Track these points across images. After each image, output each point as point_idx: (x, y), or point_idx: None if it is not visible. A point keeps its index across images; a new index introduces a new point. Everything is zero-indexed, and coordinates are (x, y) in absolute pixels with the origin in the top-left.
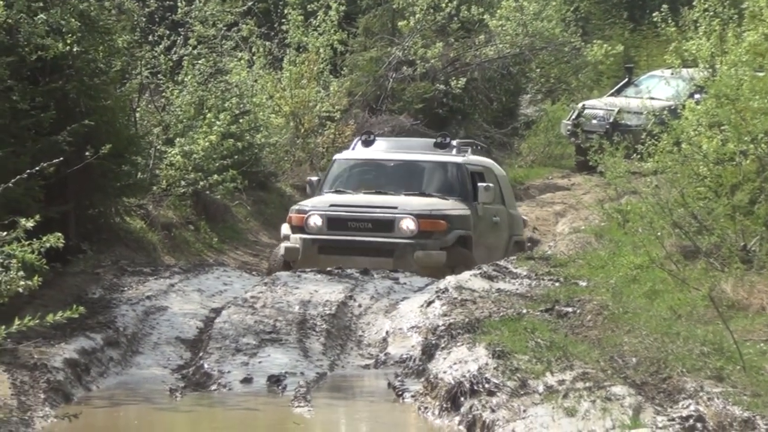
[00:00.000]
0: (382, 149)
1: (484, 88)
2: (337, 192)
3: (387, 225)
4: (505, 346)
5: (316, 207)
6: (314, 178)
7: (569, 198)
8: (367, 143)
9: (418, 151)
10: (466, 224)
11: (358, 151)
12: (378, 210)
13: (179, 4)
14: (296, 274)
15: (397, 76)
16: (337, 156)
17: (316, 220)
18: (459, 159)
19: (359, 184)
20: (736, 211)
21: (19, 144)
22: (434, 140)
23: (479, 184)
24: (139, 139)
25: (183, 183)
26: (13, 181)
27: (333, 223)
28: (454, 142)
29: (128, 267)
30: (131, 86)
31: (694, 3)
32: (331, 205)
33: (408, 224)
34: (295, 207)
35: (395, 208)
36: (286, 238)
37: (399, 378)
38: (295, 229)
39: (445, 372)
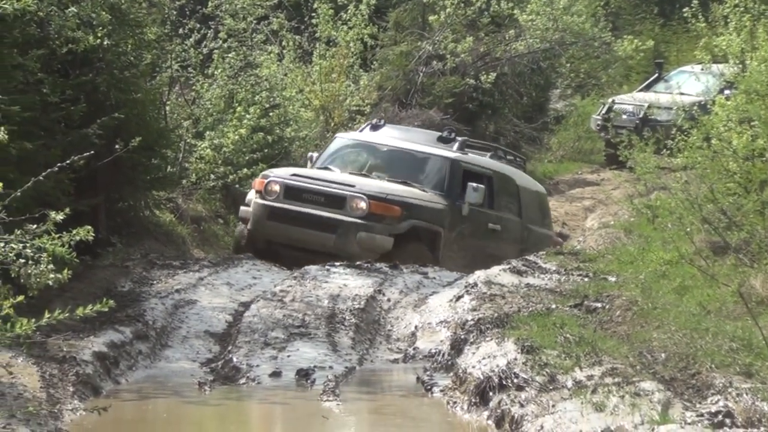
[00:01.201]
0: (387, 135)
1: (514, 82)
2: (325, 168)
3: (338, 201)
4: (534, 341)
5: (278, 175)
6: (314, 154)
7: (599, 193)
8: (376, 128)
9: (419, 142)
10: (433, 217)
11: (360, 134)
12: (333, 186)
13: None
14: (325, 269)
15: (427, 70)
16: (338, 134)
17: (274, 187)
18: (452, 154)
19: (349, 165)
20: (766, 207)
21: (49, 137)
22: (439, 135)
23: (469, 183)
24: (169, 133)
25: (212, 176)
26: (44, 174)
27: (289, 192)
28: (459, 139)
29: (157, 260)
30: (161, 79)
31: None
32: (293, 175)
33: (358, 203)
34: (263, 173)
35: (352, 186)
36: (248, 203)
37: (428, 372)
38: (257, 194)
39: (473, 367)
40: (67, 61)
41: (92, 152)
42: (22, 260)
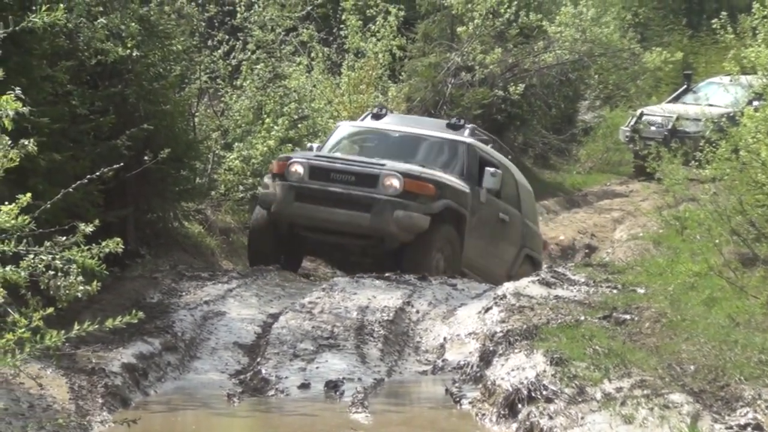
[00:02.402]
0: (393, 123)
1: (543, 94)
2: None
3: (370, 180)
4: (563, 353)
5: (300, 155)
6: (315, 144)
7: (627, 205)
8: (378, 117)
9: (428, 128)
10: (461, 200)
11: (365, 122)
12: (364, 164)
13: (238, 9)
14: (354, 280)
15: (455, 81)
16: (341, 122)
17: (297, 168)
18: (468, 139)
19: (357, 153)
20: None
21: (78, 148)
22: (447, 121)
23: (486, 168)
24: (198, 144)
25: (241, 188)
26: (74, 186)
27: (315, 171)
28: (468, 126)
29: (186, 272)
30: (190, 91)
31: (753, 10)
32: (316, 155)
33: (392, 181)
34: (280, 156)
35: (383, 165)
36: (266, 187)
37: (456, 384)
38: (276, 177)
39: (502, 378)
40: (96, 73)
41: (121, 164)
42: (52, 272)
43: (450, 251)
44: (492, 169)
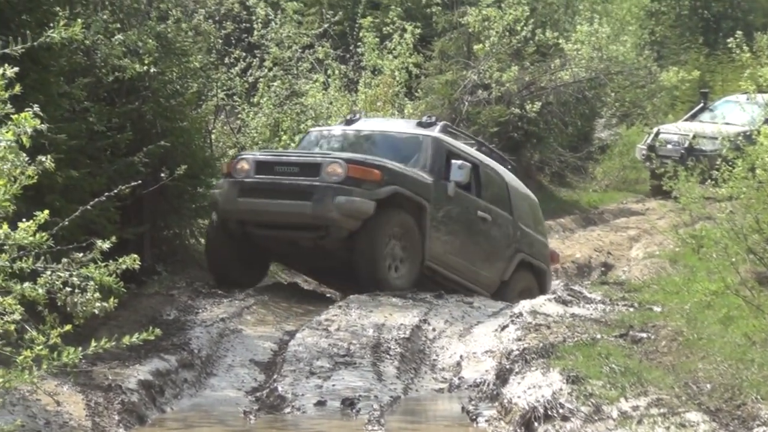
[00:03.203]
0: (361, 124)
1: (559, 112)
2: None
3: (314, 168)
4: (580, 371)
5: (248, 152)
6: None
7: (643, 223)
8: (350, 122)
9: (397, 127)
10: (416, 188)
11: (334, 126)
12: (308, 154)
13: (255, 26)
14: (371, 298)
15: (472, 99)
16: (311, 129)
17: (243, 165)
18: (434, 134)
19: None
20: None
21: (95, 165)
22: (418, 120)
23: (453, 161)
24: (215, 161)
25: None
26: (92, 203)
27: (261, 166)
28: (440, 123)
29: (203, 289)
30: (207, 108)
31: None
32: (263, 151)
33: (335, 168)
34: (234, 155)
35: (327, 155)
36: (217, 188)
37: (473, 402)
38: (225, 176)
39: (519, 397)
40: (114, 90)
41: (139, 181)
42: (69, 289)
43: (408, 241)
44: (459, 162)
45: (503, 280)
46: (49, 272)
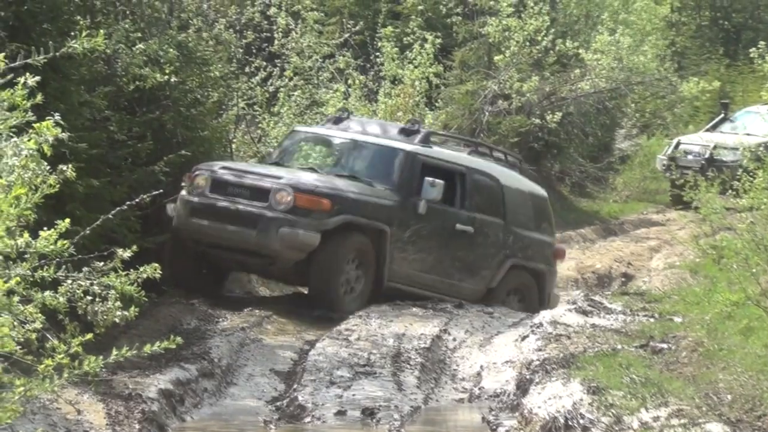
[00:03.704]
0: (348, 127)
1: (580, 122)
2: (275, 164)
3: (263, 194)
4: (600, 381)
5: (206, 166)
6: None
7: (664, 233)
8: (338, 121)
9: (378, 134)
10: (375, 214)
11: (317, 127)
12: (259, 177)
13: (276, 35)
14: (391, 308)
15: (492, 109)
16: (295, 127)
17: (200, 180)
18: (409, 147)
19: (300, 159)
20: None
21: (116, 174)
22: (402, 126)
23: (426, 178)
24: None
25: None
26: (113, 212)
27: (215, 185)
28: (423, 131)
29: (223, 298)
30: (228, 117)
31: None
32: (222, 167)
33: (283, 195)
34: (195, 166)
35: (279, 179)
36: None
37: (493, 412)
38: (184, 189)
39: (539, 407)
40: (134, 99)
41: (160, 190)
42: (89, 297)
43: (365, 264)
44: (431, 179)
45: (490, 287)
46: (70, 281)
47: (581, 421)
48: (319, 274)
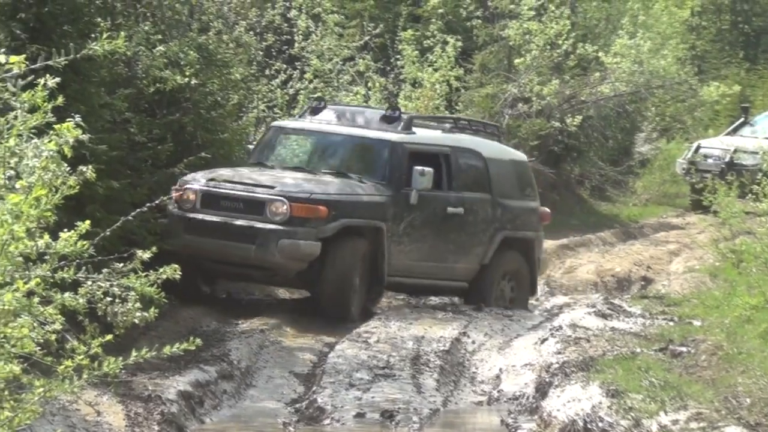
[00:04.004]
0: (328, 119)
1: (600, 125)
2: (258, 165)
3: (257, 206)
4: (619, 384)
5: (194, 181)
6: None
7: (684, 237)
8: (316, 111)
9: (360, 124)
10: (371, 213)
11: (296, 120)
12: (252, 189)
13: (296, 38)
14: (410, 310)
15: (512, 112)
16: (273, 123)
17: (189, 195)
18: (395, 137)
19: (282, 158)
20: None
21: (136, 176)
22: (383, 113)
23: (414, 167)
24: None
25: None
26: (133, 214)
27: (206, 199)
28: (404, 117)
29: (243, 300)
30: (248, 119)
31: None
32: (209, 180)
33: (279, 207)
34: (181, 179)
35: (272, 188)
36: (168, 215)
37: (512, 415)
38: (174, 204)
39: (558, 410)
40: (155, 101)
41: (180, 192)
42: (109, 299)
43: (367, 265)
44: (420, 168)
45: (483, 264)
46: (90, 282)
47: (600, 424)
48: (331, 282)
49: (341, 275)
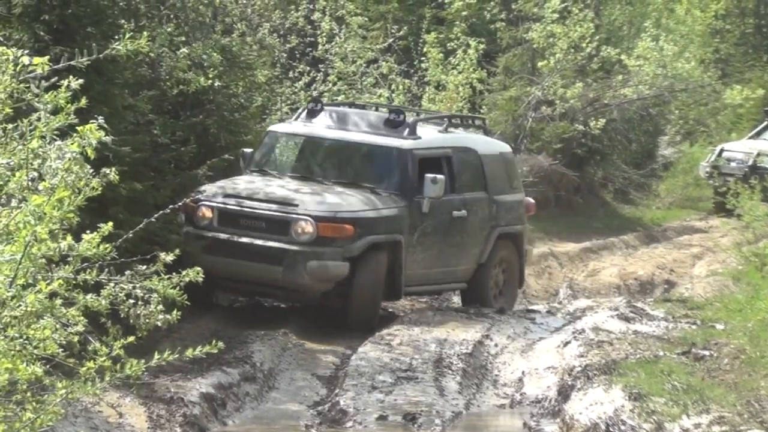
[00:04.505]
0: (327, 122)
1: (623, 128)
2: (261, 172)
3: (281, 226)
4: (642, 388)
5: (210, 196)
6: (249, 150)
7: (707, 240)
8: (312, 113)
9: (364, 129)
10: (391, 228)
11: (295, 125)
12: (274, 207)
13: (320, 40)
14: (432, 313)
15: (536, 115)
16: (271, 127)
17: (206, 212)
18: (405, 144)
19: (287, 166)
20: None
21: (159, 177)
22: (386, 116)
23: (426, 175)
24: None
25: None
26: (156, 216)
27: (224, 217)
28: (409, 120)
29: (265, 302)
30: (271, 122)
31: None
32: (226, 196)
33: (304, 227)
34: (193, 193)
35: (295, 205)
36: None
37: (534, 418)
38: (188, 220)
39: (580, 413)
40: (178, 102)
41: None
42: (132, 301)
43: (386, 278)
44: (431, 176)
45: (480, 263)
46: (112, 284)
47: (622, 428)
48: (358, 300)
49: (368, 294)
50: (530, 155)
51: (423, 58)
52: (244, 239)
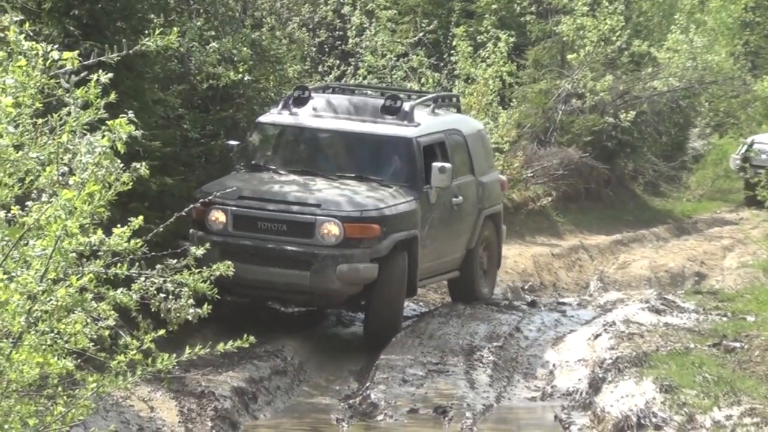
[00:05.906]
0: (321, 111)
1: (653, 121)
2: (257, 169)
3: (305, 229)
4: (673, 380)
5: (222, 199)
6: (235, 143)
7: (737, 233)
8: (300, 101)
9: (361, 117)
10: (410, 223)
11: (285, 115)
12: (296, 208)
13: (349, 34)
14: (463, 306)
15: (566, 108)
16: (261, 119)
17: (219, 216)
18: (410, 132)
19: (285, 160)
20: None
21: (189, 171)
22: (383, 103)
23: (433, 164)
24: None
25: None
26: (186, 210)
27: (240, 221)
28: (406, 106)
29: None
30: None
31: None
32: (240, 197)
33: (331, 229)
34: (200, 194)
35: (318, 206)
36: (189, 238)
37: (565, 411)
38: (196, 224)
39: (612, 405)
40: (208, 97)
41: (233, 188)
42: (162, 295)
43: (405, 278)
44: (439, 165)
45: (469, 248)
46: (143, 278)
47: (654, 420)
48: (383, 302)
49: (394, 295)
50: (560, 148)
51: (452, 52)
52: (265, 243)
